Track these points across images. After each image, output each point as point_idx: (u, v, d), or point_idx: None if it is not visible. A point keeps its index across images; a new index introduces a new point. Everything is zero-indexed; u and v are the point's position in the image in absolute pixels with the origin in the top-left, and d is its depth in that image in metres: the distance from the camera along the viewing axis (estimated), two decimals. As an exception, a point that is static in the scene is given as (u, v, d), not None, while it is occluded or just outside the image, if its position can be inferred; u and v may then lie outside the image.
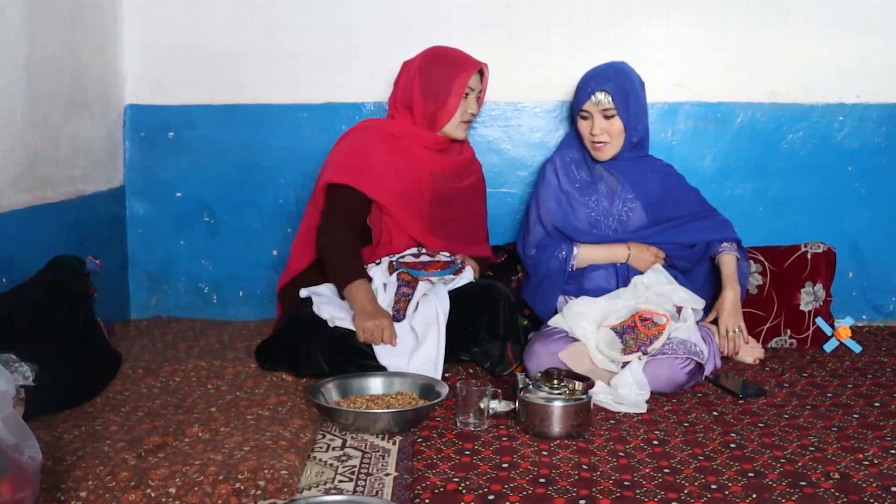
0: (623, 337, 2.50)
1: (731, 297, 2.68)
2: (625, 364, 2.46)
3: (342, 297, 2.64)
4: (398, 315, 2.60)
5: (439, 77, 2.78)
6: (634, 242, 2.79)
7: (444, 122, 2.78)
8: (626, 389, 2.38)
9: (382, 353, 2.52)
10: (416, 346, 2.53)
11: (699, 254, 2.83)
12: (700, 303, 2.67)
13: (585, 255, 2.78)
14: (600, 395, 2.37)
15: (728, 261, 2.74)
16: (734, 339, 2.66)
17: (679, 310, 2.62)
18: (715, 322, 2.71)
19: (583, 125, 2.79)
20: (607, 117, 2.74)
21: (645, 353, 2.46)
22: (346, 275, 2.62)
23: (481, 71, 2.83)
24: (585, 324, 2.57)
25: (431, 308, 2.56)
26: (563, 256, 2.78)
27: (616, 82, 2.73)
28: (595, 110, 2.74)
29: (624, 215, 2.81)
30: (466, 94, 2.79)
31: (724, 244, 2.79)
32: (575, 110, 2.81)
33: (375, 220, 2.76)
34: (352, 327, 2.56)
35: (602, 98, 2.72)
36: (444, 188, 2.84)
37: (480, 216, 3.03)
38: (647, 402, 2.38)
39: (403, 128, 2.82)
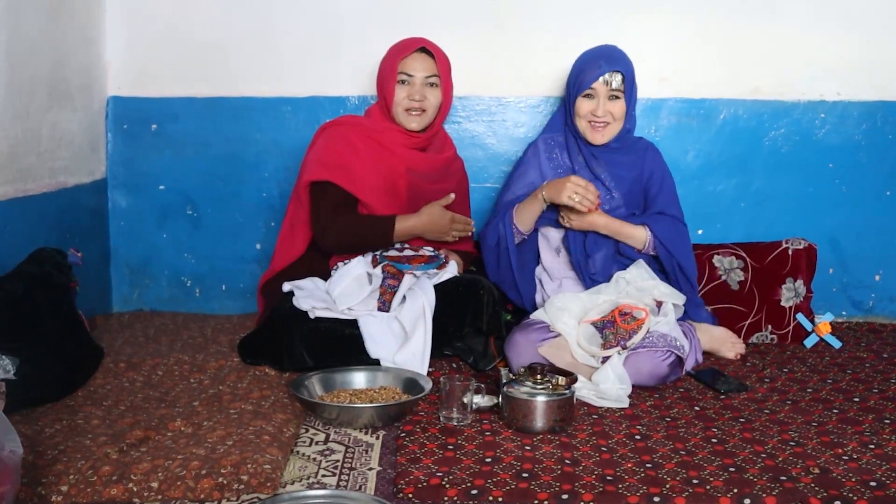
0: (603, 332, 2.51)
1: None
2: (605, 359, 2.47)
3: (395, 245, 2.71)
4: (384, 307, 2.60)
5: (383, 65, 2.79)
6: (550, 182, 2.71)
7: (390, 110, 2.77)
8: (607, 385, 2.39)
9: (371, 343, 2.51)
10: (404, 341, 2.53)
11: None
12: (681, 298, 2.68)
13: (520, 214, 2.72)
14: (583, 390, 2.38)
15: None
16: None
17: (659, 305, 2.63)
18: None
19: (584, 104, 2.71)
20: (613, 98, 2.69)
21: (624, 348, 2.47)
22: (384, 228, 2.65)
23: (435, 57, 2.75)
24: (567, 318, 2.58)
25: (418, 302, 2.56)
26: (505, 221, 2.74)
27: (625, 64, 2.70)
28: (604, 91, 2.67)
29: (605, 204, 2.77)
30: (403, 81, 2.74)
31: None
32: (577, 90, 2.71)
33: None
34: (332, 315, 2.56)
35: (614, 78, 2.67)
36: (422, 188, 2.81)
37: (464, 213, 3.02)
38: (630, 396, 2.40)
39: (378, 123, 2.80)
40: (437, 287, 2.62)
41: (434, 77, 2.76)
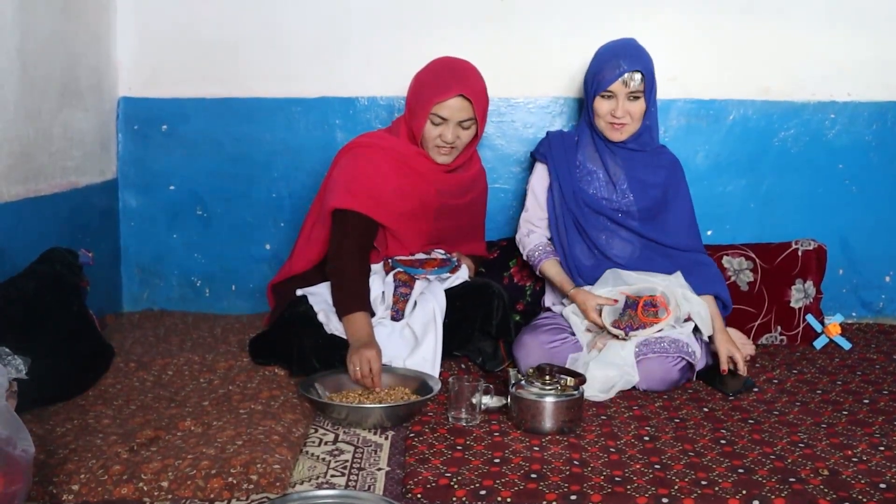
0: (625, 310, 2.51)
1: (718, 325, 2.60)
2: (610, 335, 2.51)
3: (340, 320, 2.56)
4: (397, 315, 2.59)
5: (415, 95, 2.67)
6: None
7: (419, 142, 2.68)
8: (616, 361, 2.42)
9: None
10: (415, 346, 2.53)
11: None
12: (707, 329, 2.60)
13: (548, 274, 2.80)
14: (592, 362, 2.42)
15: (708, 300, 2.64)
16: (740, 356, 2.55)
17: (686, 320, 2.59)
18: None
19: (603, 105, 2.65)
20: (633, 99, 2.63)
21: (626, 336, 2.47)
22: (348, 304, 2.52)
23: (473, 101, 2.60)
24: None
25: (429, 307, 2.55)
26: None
27: (645, 62, 2.63)
28: (623, 91, 2.61)
29: (616, 203, 2.74)
30: (437, 124, 2.61)
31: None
32: (595, 90, 2.65)
33: (378, 236, 2.72)
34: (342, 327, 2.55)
35: (633, 78, 2.60)
36: (449, 203, 2.76)
37: (479, 218, 2.99)
38: (638, 397, 2.40)
39: (408, 146, 2.70)
40: (447, 291, 2.63)
41: (469, 120, 2.64)
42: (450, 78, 2.63)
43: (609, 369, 2.40)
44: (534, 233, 2.84)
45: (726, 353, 2.55)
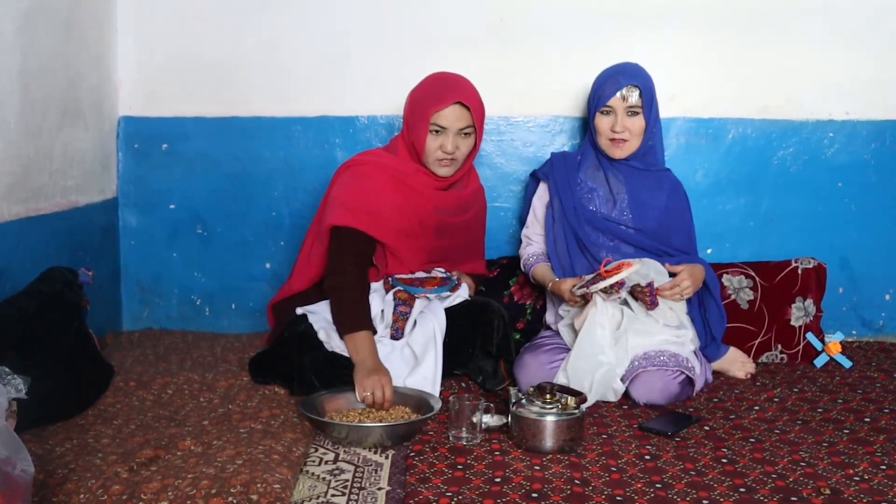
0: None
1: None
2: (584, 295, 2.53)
3: (341, 338, 2.56)
4: (397, 334, 2.59)
5: (413, 109, 2.68)
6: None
7: (420, 156, 2.69)
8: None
9: None
10: (415, 365, 2.52)
11: None
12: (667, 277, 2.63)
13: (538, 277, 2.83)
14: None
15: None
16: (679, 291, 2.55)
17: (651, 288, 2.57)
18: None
19: (603, 121, 2.70)
20: (631, 114, 2.68)
21: (587, 288, 2.48)
22: (351, 323, 2.52)
23: (471, 108, 2.62)
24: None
25: (429, 327, 2.55)
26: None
27: (643, 79, 2.69)
28: (621, 106, 2.67)
29: (623, 222, 2.75)
30: (437, 132, 2.63)
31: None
32: (596, 106, 2.71)
33: (378, 254, 2.73)
34: (342, 344, 2.55)
35: (631, 93, 2.66)
36: (447, 222, 2.77)
37: (479, 236, 3.00)
38: (638, 417, 2.39)
39: (406, 164, 2.71)
40: (447, 310, 2.62)
41: (469, 128, 2.65)
42: (445, 88, 2.66)
43: (585, 361, 2.43)
44: (531, 245, 2.88)
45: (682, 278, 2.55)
